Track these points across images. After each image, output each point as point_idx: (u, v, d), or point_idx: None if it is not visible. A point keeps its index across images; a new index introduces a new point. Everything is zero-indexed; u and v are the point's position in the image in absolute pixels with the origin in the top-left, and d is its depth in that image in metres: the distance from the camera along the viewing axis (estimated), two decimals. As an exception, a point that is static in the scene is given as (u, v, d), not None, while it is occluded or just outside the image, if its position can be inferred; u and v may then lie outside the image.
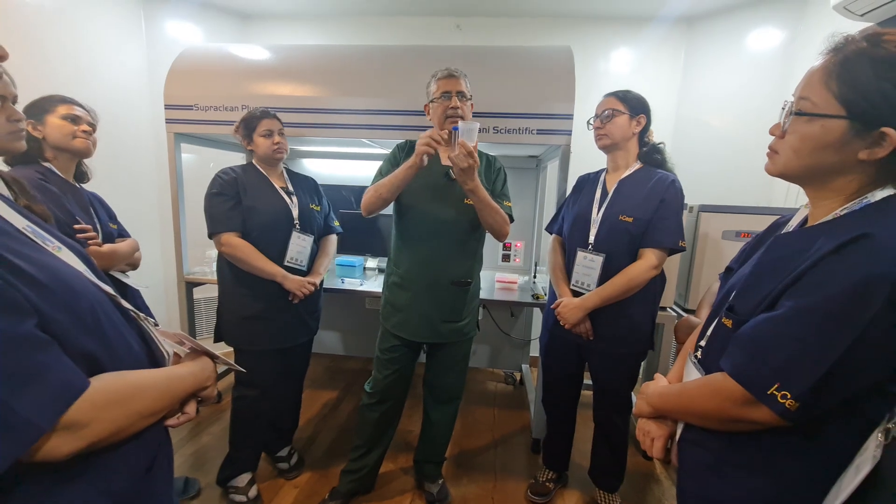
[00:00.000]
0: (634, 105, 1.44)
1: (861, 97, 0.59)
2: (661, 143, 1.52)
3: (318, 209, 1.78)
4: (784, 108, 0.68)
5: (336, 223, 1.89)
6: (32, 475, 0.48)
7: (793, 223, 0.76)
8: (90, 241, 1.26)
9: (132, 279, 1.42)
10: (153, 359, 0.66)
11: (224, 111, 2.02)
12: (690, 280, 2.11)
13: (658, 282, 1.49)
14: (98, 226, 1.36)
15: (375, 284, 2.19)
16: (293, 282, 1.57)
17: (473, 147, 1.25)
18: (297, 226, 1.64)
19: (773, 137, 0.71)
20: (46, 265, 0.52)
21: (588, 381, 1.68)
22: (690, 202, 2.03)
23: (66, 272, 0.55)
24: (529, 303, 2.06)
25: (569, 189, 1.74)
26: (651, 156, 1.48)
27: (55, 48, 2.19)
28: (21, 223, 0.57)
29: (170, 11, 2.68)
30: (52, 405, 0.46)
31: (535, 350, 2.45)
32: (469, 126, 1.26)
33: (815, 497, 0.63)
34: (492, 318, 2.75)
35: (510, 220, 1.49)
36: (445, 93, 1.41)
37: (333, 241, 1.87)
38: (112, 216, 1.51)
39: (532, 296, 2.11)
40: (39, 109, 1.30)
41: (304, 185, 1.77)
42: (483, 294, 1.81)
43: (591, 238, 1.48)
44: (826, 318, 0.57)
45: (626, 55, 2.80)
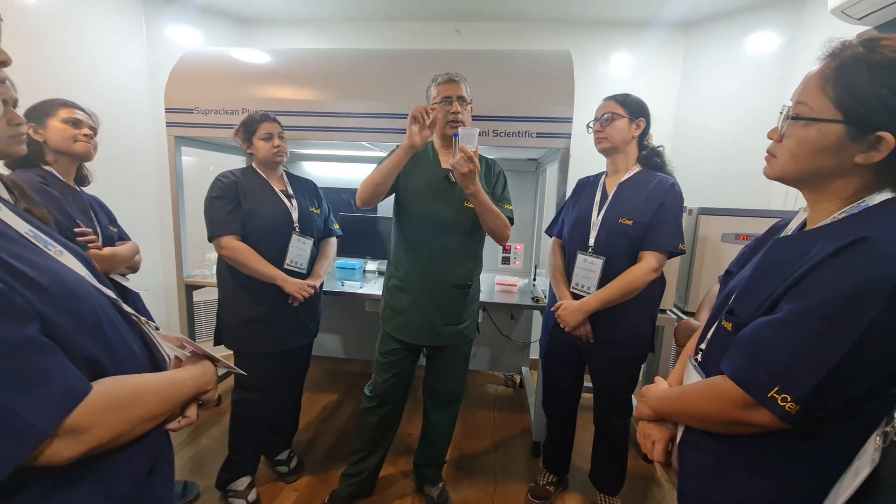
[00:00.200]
0: (634, 108, 1.44)
1: (857, 102, 0.59)
2: (661, 147, 1.52)
3: (318, 212, 1.79)
4: (782, 113, 0.69)
5: (336, 226, 1.89)
6: (34, 479, 0.48)
7: (791, 227, 0.76)
8: (90, 245, 1.27)
9: (132, 282, 1.42)
10: (154, 362, 0.66)
11: (224, 114, 2.03)
12: (690, 283, 2.11)
13: (658, 285, 1.50)
14: (98, 229, 1.37)
15: (375, 287, 2.19)
16: (293, 285, 1.57)
17: (474, 152, 1.26)
18: (297, 229, 1.64)
19: (772, 141, 0.71)
20: (48, 269, 0.53)
21: (588, 384, 1.68)
22: (690, 205, 2.03)
23: (68, 276, 0.55)
24: (529, 305, 2.06)
25: (568, 192, 1.74)
26: (650, 159, 1.49)
27: (56, 51, 2.20)
28: (23, 227, 0.57)
29: (170, 15, 2.70)
30: (55, 409, 0.46)
31: (535, 353, 2.44)
32: (469, 132, 1.27)
33: (816, 499, 0.63)
34: (492, 321, 2.75)
35: (511, 223, 1.50)
36: (446, 97, 1.42)
37: (333, 244, 1.87)
38: (112, 219, 1.51)
39: (532, 298, 2.11)
40: (41, 113, 1.30)
41: (304, 188, 1.78)
42: (483, 296, 1.81)
43: (591, 241, 1.48)
44: (825, 321, 0.57)
45: (626, 59, 2.82)
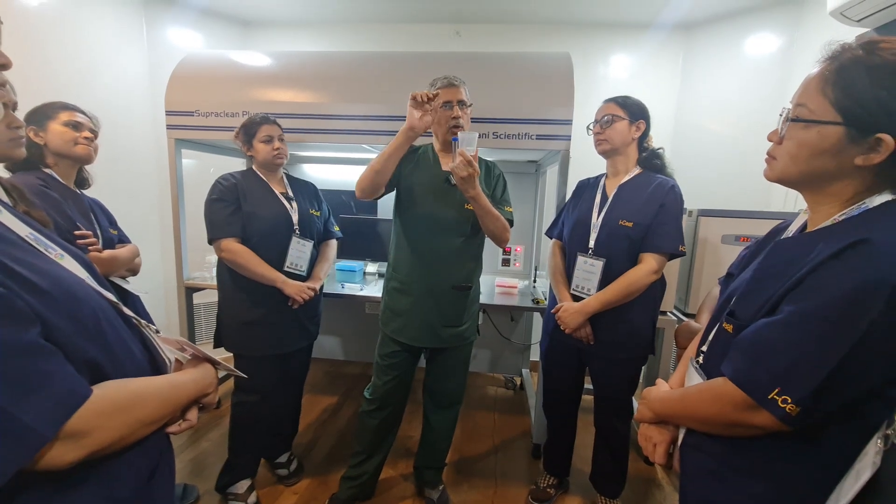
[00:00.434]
0: (634, 110, 1.45)
1: (857, 104, 0.60)
2: (661, 149, 1.52)
3: (318, 214, 1.79)
4: (781, 115, 0.69)
5: (336, 228, 1.89)
6: (34, 483, 0.48)
7: (792, 228, 0.76)
8: (90, 248, 1.27)
9: (132, 285, 1.42)
10: (155, 365, 0.66)
11: (224, 117, 2.03)
12: (690, 284, 2.11)
13: (658, 286, 1.50)
14: (98, 232, 1.37)
15: (375, 289, 2.19)
16: (293, 287, 1.57)
17: (473, 156, 1.27)
18: (297, 231, 1.64)
19: (772, 143, 0.71)
20: (49, 273, 0.53)
21: (589, 386, 1.68)
22: (690, 206, 2.03)
23: (69, 279, 0.55)
24: (529, 307, 2.06)
25: (568, 194, 1.74)
26: (650, 161, 1.49)
27: (57, 53, 2.20)
28: (24, 231, 0.57)
29: (171, 18, 2.70)
30: (55, 413, 0.46)
31: (536, 354, 2.44)
32: (468, 136, 1.28)
33: (817, 502, 0.63)
34: (492, 323, 2.75)
35: (510, 225, 1.50)
36: (446, 102, 1.42)
37: (333, 246, 1.87)
38: (112, 222, 1.51)
39: (532, 300, 2.11)
40: (41, 116, 1.30)
41: (304, 191, 1.78)
42: (483, 298, 1.81)
43: (591, 243, 1.49)
44: (826, 323, 0.57)
45: (625, 61, 2.82)
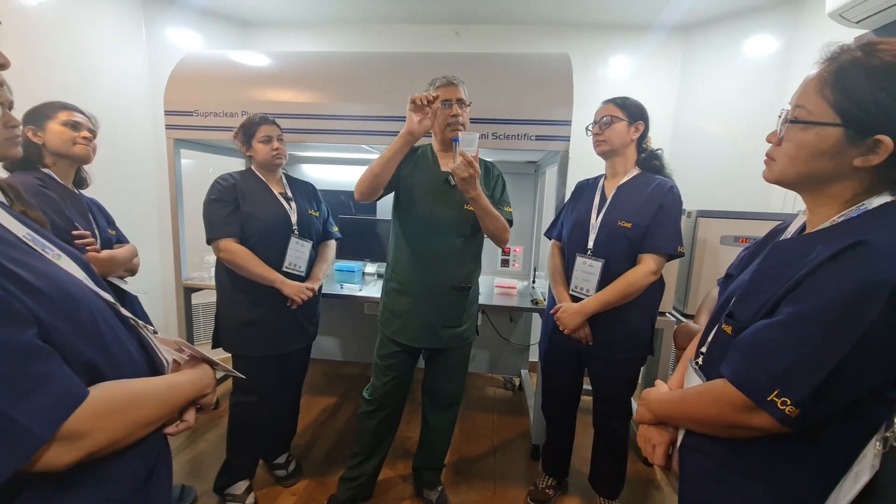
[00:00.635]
0: (632, 111, 1.45)
1: (855, 106, 0.60)
2: (660, 149, 1.53)
3: (317, 215, 1.78)
4: (780, 116, 0.69)
5: (335, 228, 1.89)
6: (31, 484, 0.48)
7: (791, 230, 0.76)
8: (88, 248, 1.26)
9: (130, 285, 1.42)
10: (153, 366, 0.66)
11: (224, 117, 2.03)
12: (689, 285, 2.11)
13: (657, 287, 1.50)
14: (97, 232, 1.36)
15: (374, 290, 2.18)
16: (291, 287, 1.57)
17: (474, 157, 1.27)
18: (296, 231, 1.64)
19: (770, 144, 0.71)
20: (46, 273, 0.52)
21: (588, 387, 1.68)
22: (689, 207, 2.03)
23: (66, 280, 0.55)
24: (528, 308, 2.06)
25: (567, 194, 1.74)
26: (649, 162, 1.49)
27: (56, 53, 2.20)
28: (21, 231, 0.57)
29: (170, 18, 2.70)
30: (52, 415, 0.46)
31: (535, 355, 2.44)
32: (469, 136, 1.28)
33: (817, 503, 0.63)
34: (491, 324, 2.75)
35: (510, 226, 1.50)
36: (445, 101, 1.42)
37: (332, 247, 1.87)
38: (111, 222, 1.51)
39: (531, 301, 2.11)
40: (40, 115, 1.30)
41: (303, 191, 1.78)
42: (482, 299, 1.81)
43: (590, 243, 1.49)
44: (825, 325, 0.57)
45: (624, 62, 2.83)
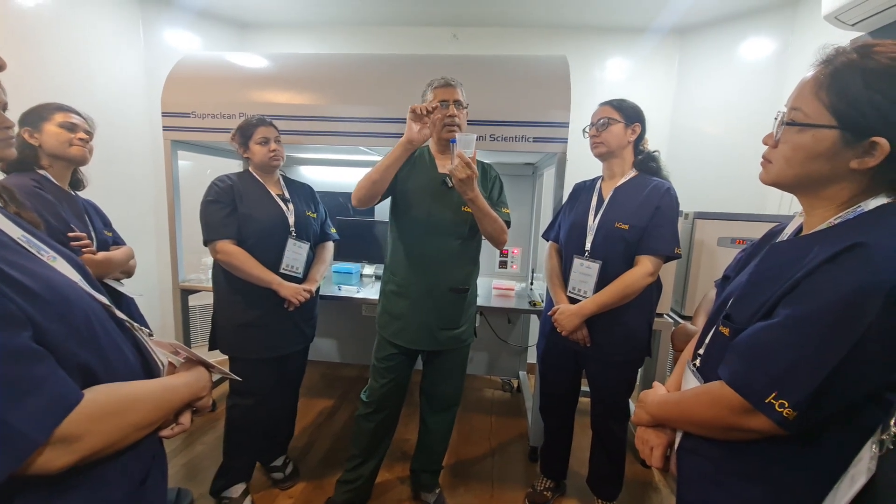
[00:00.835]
0: (629, 113, 1.45)
1: (851, 108, 0.60)
2: (656, 151, 1.53)
3: (315, 216, 1.78)
4: (776, 119, 0.69)
5: (333, 230, 1.89)
6: (27, 487, 0.48)
7: (788, 231, 0.76)
8: (84, 249, 1.26)
9: (127, 287, 1.41)
10: (148, 369, 0.66)
11: (221, 119, 2.02)
12: (687, 287, 2.12)
13: (654, 289, 1.50)
14: (93, 233, 1.36)
15: (372, 291, 2.18)
16: (288, 289, 1.56)
17: (471, 158, 1.27)
18: (293, 233, 1.63)
19: (767, 146, 0.72)
20: (41, 275, 0.52)
21: (586, 389, 1.67)
22: (686, 209, 2.03)
23: (61, 282, 0.55)
24: (526, 309, 2.06)
25: (565, 196, 1.75)
26: (646, 164, 1.50)
27: (52, 54, 2.19)
28: (16, 233, 0.56)
29: (168, 19, 2.70)
30: (47, 418, 0.46)
31: (533, 357, 2.44)
32: (466, 137, 1.28)
33: (814, 506, 0.63)
34: (489, 325, 2.75)
35: (507, 227, 1.50)
36: (442, 101, 1.42)
37: (330, 249, 1.86)
38: (107, 223, 1.50)
39: (529, 302, 2.11)
40: (36, 117, 1.29)
41: (301, 193, 1.77)
42: (480, 301, 1.81)
43: (588, 245, 1.49)
44: (823, 327, 0.57)
45: (621, 64, 2.84)
